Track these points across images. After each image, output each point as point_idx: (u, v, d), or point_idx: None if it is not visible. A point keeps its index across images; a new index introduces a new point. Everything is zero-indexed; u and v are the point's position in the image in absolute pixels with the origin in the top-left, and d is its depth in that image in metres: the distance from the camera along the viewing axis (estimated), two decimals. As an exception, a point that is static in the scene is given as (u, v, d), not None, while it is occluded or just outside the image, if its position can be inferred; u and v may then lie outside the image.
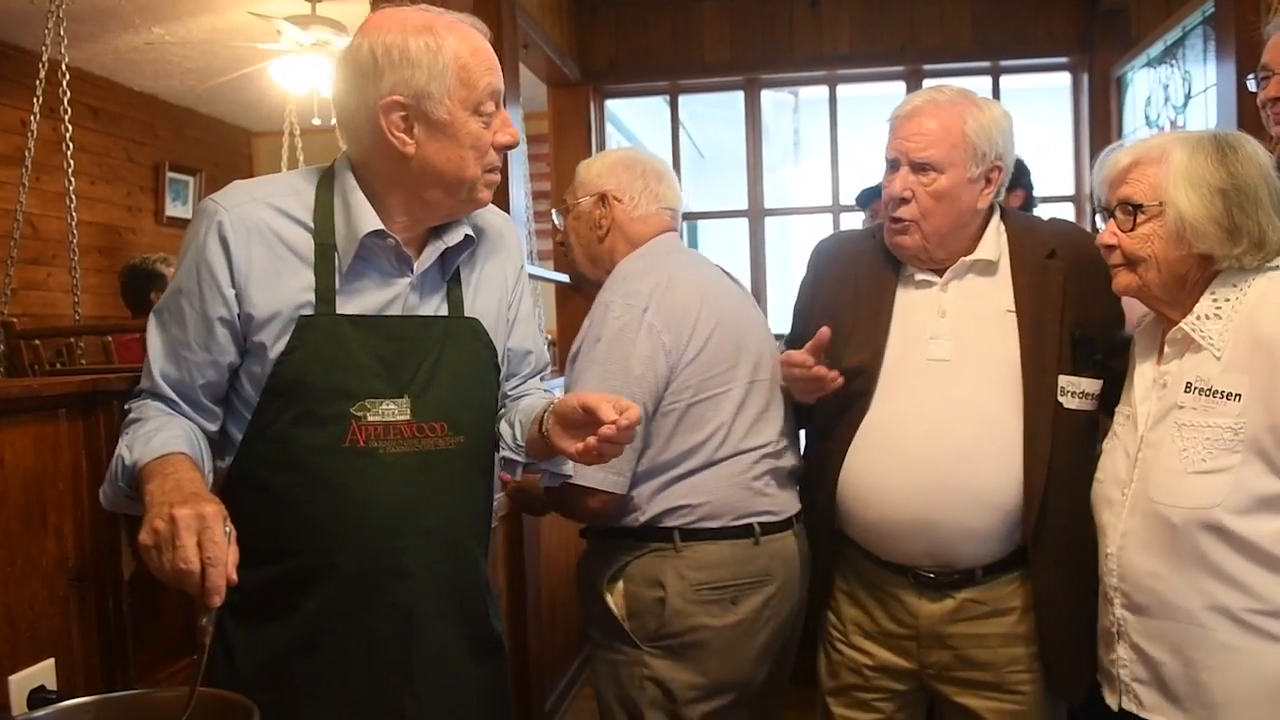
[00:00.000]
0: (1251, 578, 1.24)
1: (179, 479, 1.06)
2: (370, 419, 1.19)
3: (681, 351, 1.53)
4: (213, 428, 1.24)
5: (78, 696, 1.13)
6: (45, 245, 4.46)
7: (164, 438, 1.14)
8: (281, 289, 1.19)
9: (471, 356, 1.28)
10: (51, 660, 1.23)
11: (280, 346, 1.18)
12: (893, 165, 1.50)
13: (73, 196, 3.60)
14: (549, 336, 4.10)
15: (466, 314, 1.29)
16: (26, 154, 3.41)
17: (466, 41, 1.18)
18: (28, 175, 3.43)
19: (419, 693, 1.24)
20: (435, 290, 1.27)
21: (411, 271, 1.24)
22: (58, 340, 3.38)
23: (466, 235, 1.28)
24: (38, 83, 3.39)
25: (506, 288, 1.36)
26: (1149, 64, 3.67)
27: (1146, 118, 3.72)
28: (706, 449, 1.54)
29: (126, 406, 1.24)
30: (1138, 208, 1.31)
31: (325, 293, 1.19)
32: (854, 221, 3.73)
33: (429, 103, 1.16)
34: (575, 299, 3.87)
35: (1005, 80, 4.23)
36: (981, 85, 4.23)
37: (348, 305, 1.20)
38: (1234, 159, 1.27)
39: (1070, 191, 4.26)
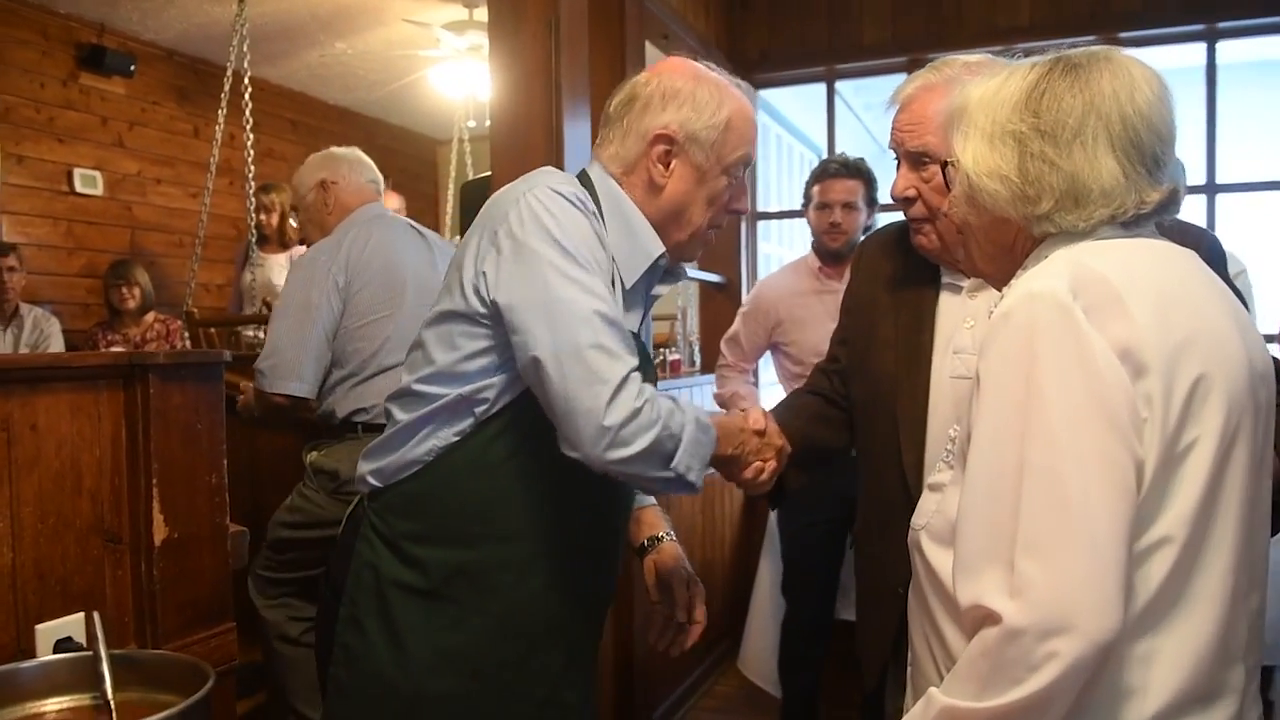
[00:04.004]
0: (946, 625, 0.94)
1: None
2: None
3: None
4: None
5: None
6: (248, 245, 4.91)
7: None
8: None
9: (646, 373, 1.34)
10: (81, 614, 1.31)
11: None
12: (896, 160, 1.32)
13: (253, 200, 3.98)
14: (692, 338, 4.02)
15: None
16: (211, 160, 3.80)
17: (743, 108, 1.27)
18: (212, 179, 3.81)
19: (575, 683, 1.28)
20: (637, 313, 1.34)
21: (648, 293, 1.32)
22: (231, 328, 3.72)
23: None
24: (222, 95, 3.77)
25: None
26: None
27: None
28: (376, 360, 2.19)
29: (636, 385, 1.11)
30: (943, 163, 1.02)
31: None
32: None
33: (694, 146, 1.24)
34: (718, 298, 3.78)
35: (1223, 47, 3.54)
36: (1194, 54, 3.64)
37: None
38: (1054, 88, 0.90)
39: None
